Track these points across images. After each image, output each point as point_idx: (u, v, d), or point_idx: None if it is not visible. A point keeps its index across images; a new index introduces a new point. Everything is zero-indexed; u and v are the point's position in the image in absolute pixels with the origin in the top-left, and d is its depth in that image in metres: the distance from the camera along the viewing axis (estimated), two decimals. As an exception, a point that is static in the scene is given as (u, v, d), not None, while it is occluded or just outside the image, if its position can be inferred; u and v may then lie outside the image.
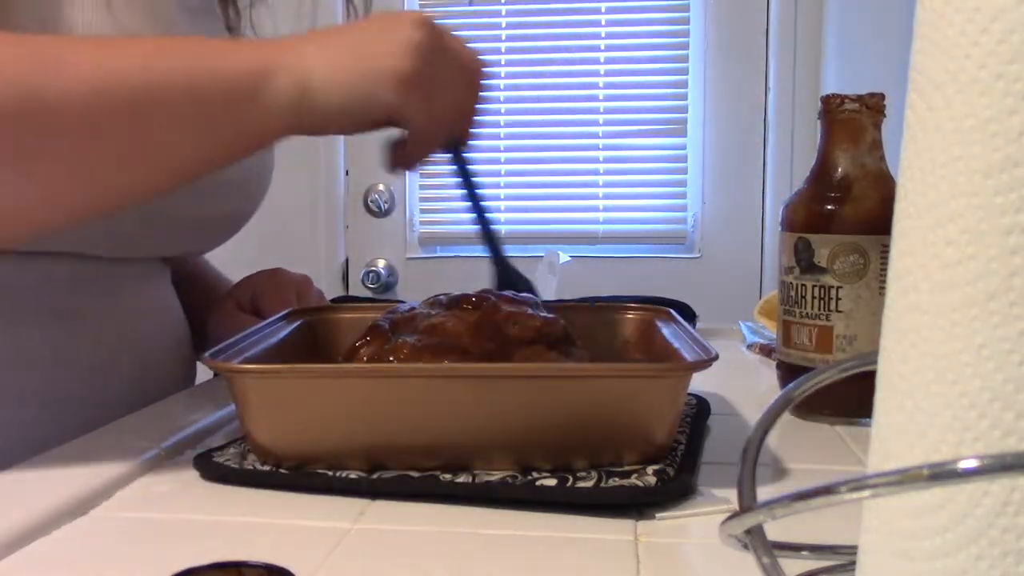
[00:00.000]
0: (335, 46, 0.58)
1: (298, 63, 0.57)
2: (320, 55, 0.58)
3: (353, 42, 0.59)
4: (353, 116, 0.59)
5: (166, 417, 0.66)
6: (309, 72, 0.57)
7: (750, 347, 0.94)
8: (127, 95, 0.53)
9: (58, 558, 0.43)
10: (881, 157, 0.66)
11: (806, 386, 0.36)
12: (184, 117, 0.56)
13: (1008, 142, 0.23)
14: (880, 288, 0.63)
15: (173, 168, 0.58)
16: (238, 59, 0.57)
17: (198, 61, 0.56)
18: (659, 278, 1.80)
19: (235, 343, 0.59)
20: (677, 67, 1.88)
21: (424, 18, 0.59)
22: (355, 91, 0.57)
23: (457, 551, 0.44)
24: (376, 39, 0.58)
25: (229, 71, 0.56)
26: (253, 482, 0.52)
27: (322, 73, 0.57)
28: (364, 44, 0.59)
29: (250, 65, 0.56)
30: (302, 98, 0.57)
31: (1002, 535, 0.23)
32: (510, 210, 1.93)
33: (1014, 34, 0.23)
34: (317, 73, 0.57)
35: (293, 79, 0.56)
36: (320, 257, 1.94)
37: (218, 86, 0.56)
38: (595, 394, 0.52)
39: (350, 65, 0.57)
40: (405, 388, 0.52)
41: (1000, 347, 0.23)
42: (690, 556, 0.44)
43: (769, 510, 0.26)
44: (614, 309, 0.71)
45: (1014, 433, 0.23)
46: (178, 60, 0.56)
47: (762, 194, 1.88)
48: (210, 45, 0.60)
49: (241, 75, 0.56)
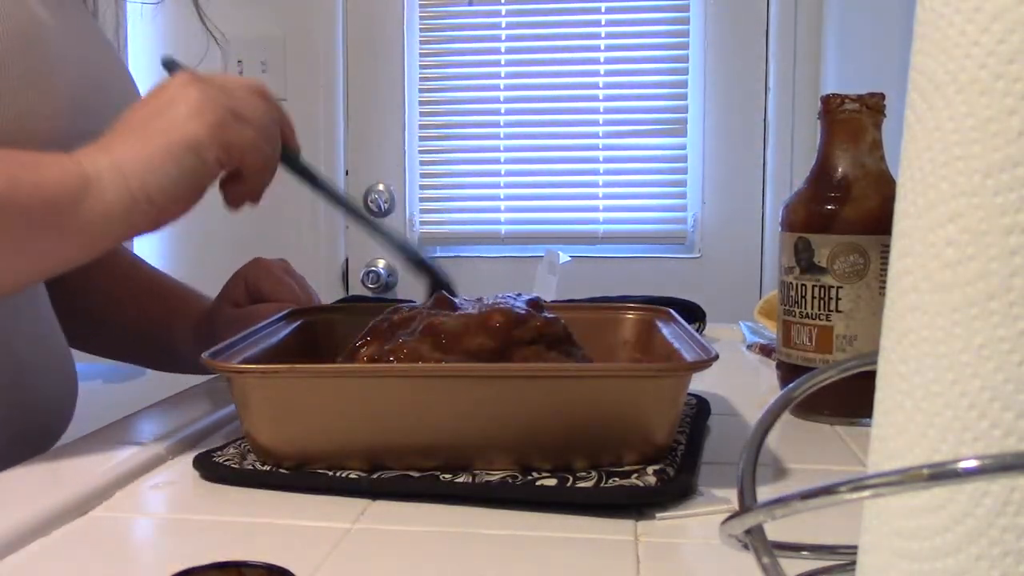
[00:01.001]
0: (128, 138, 0.58)
1: (111, 168, 0.57)
2: (123, 151, 0.57)
3: (144, 126, 0.59)
4: (188, 189, 0.58)
5: (166, 417, 0.66)
6: (124, 173, 0.57)
7: (750, 347, 0.94)
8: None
9: (58, 558, 0.43)
10: (881, 157, 0.66)
11: (806, 386, 0.36)
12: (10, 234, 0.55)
13: (1008, 142, 0.23)
14: (880, 288, 0.63)
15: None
16: (55, 172, 0.56)
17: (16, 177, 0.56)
18: (659, 278, 1.80)
19: (235, 343, 0.59)
20: (677, 67, 1.88)
21: (185, 76, 0.60)
22: (174, 166, 0.57)
23: (457, 551, 0.44)
24: (160, 111, 0.59)
25: (50, 183, 0.56)
26: (253, 482, 0.52)
27: (133, 166, 0.57)
28: (153, 121, 0.59)
29: (68, 179, 0.56)
30: (128, 208, 0.57)
31: (1002, 535, 0.23)
32: (510, 210, 1.93)
33: (1014, 34, 0.23)
34: (130, 169, 0.57)
35: (114, 183, 0.56)
36: (320, 257, 1.94)
37: (38, 201, 0.55)
38: (595, 394, 0.52)
39: (153, 146, 0.57)
40: (405, 388, 0.52)
41: (1000, 347, 0.23)
42: (690, 556, 0.44)
43: (769, 510, 0.26)
44: (614, 309, 0.71)
45: (1014, 433, 0.23)
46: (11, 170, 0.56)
47: (762, 194, 1.88)
48: (25, 159, 0.58)
49: (60, 189, 0.56)
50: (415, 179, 1.95)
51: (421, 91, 1.93)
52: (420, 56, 1.93)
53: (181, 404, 0.70)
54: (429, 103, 1.93)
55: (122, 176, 0.57)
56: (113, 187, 0.56)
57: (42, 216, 0.56)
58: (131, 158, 0.57)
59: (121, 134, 0.59)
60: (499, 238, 1.93)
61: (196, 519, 0.48)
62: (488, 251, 1.94)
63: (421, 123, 1.94)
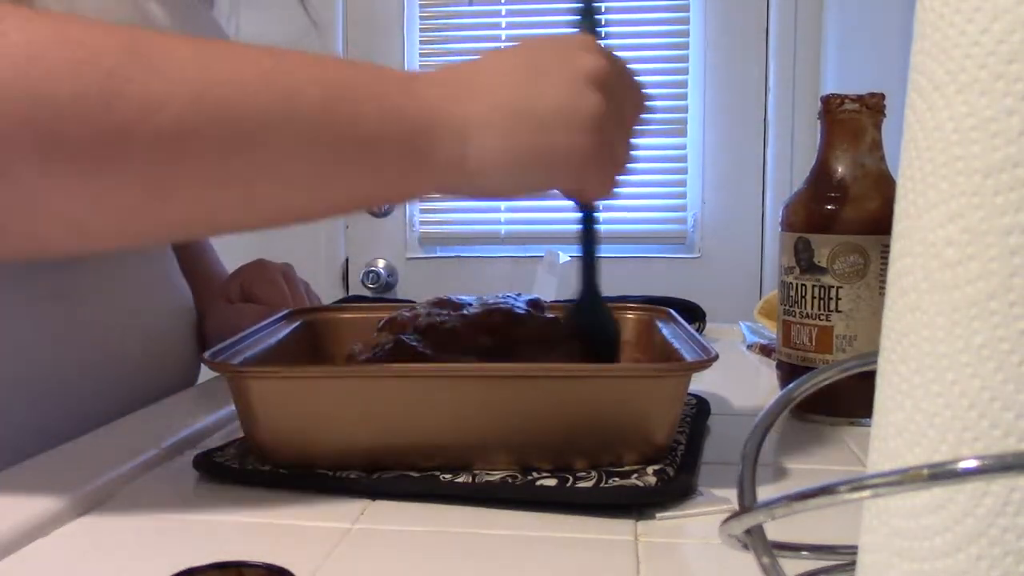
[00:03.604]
0: (505, 109, 0.50)
1: (463, 128, 0.49)
2: (490, 120, 0.49)
3: (526, 103, 0.50)
4: (519, 192, 0.53)
5: (166, 417, 0.66)
6: (476, 144, 0.49)
7: (750, 347, 0.94)
8: (234, 117, 0.45)
9: (58, 558, 0.43)
10: (881, 157, 0.66)
11: (806, 386, 0.36)
12: (303, 159, 0.47)
13: (1008, 142, 0.23)
14: (880, 288, 0.63)
15: (270, 213, 0.50)
16: (391, 105, 0.48)
17: (336, 93, 0.47)
18: (659, 278, 1.80)
19: (235, 343, 0.59)
20: (677, 67, 1.88)
21: (601, 60, 0.51)
22: (527, 173, 0.51)
23: (457, 551, 0.44)
24: (554, 98, 0.50)
25: (375, 119, 0.47)
26: (253, 482, 0.52)
27: (492, 150, 0.49)
28: (540, 105, 0.50)
29: (408, 122, 0.48)
30: (463, 173, 0.50)
31: (1002, 535, 0.23)
32: (510, 210, 1.93)
33: (1014, 34, 0.23)
34: (487, 146, 0.49)
35: (457, 150, 0.49)
36: (320, 257, 1.94)
37: (359, 135, 0.48)
38: (595, 394, 0.52)
39: (524, 141, 0.50)
40: (405, 388, 0.52)
41: (1000, 347, 0.23)
42: (690, 556, 0.44)
43: (769, 510, 0.26)
44: (614, 309, 0.71)
45: (1014, 433, 0.23)
46: (312, 88, 0.47)
47: (762, 194, 1.88)
48: (346, 73, 0.49)
49: (393, 132, 0.48)
50: (415, 179, 1.95)
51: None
52: (420, 56, 1.93)
53: (181, 404, 0.70)
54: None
55: (465, 143, 0.49)
56: (451, 149, 0.49)
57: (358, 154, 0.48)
58: (488, 138, 0.49)
59: (496, 92, 0.50)
60: (499, 238, 1.93)
61: (196, 519, 0.48)
62: (488, 251, 1.94)
63: (421, 123, 1.94)
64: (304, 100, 0.47)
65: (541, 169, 0.51)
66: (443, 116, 0.49)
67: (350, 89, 0.48)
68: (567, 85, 0.50)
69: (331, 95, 0.47)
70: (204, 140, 0.45)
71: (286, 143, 0.47)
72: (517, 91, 0.50)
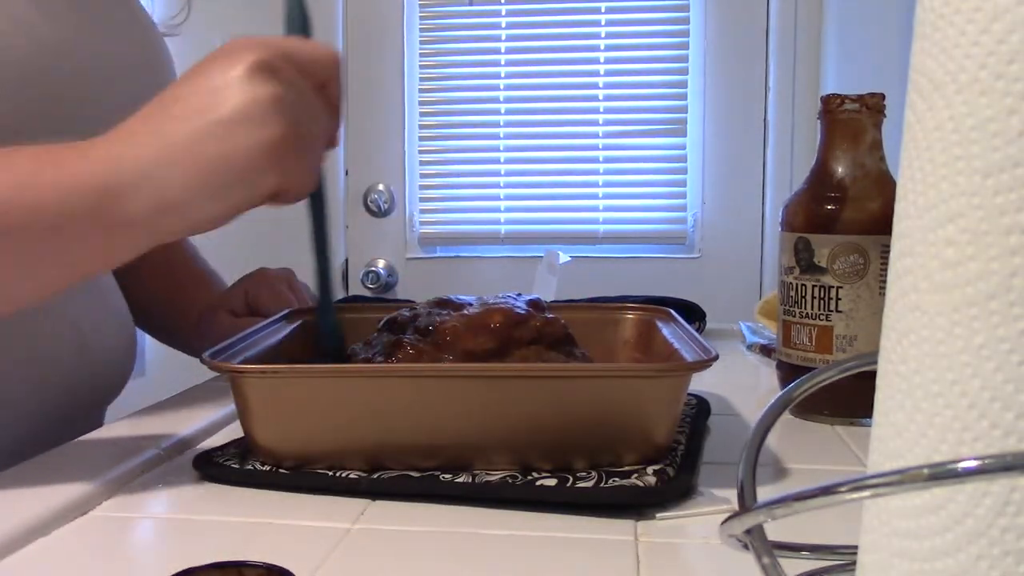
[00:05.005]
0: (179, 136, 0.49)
1: (144, 172, 0.48)
2: (168, 155, 0.48)
3: (200, 120, 0.49)
4: (229, 214, 0.51)
5: (166, 417, 0.66)
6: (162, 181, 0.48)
7: (750, 347, 0.94)
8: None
9: (58, 558, 0.43)
10: (881, 157, 0.66)
11: (806, 386, 0.36)
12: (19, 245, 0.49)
13: (1008, 142, 0.23)
14: (880, 288, 0.63)
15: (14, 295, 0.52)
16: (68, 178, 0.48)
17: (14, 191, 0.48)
18: (659, 278, 1.80)
19: (235, 343, 0.59)
20: (677, 67, 1.88)
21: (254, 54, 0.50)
22: (227, 187, 0.49)
23: (457, 551, 0.44)
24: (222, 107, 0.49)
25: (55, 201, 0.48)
26: (253, 482, 0.52)
27: (182, 180, 0.48)
28: (214, 117, 0.48)
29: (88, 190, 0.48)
30: (165, 214, 0.49)
31: (1002, 535, 0.23)
32: (510, 210, 1.93)
33: (1014, 34, 0.23)
34: (175, 177, 0.48)
35: (148, 196, 0.48)
36: (320, 257, 1.94)
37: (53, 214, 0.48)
38: (595, 394, 0.52)
39: (210, 156, 0.48)
40: (405, 388, 0.52)
41: (1000, 347, 0.23)
42: (690, 556, 0.44)
43: (769, 510, 0.26)
44: (614, 309, 0.71)
45: (1014, 433, 0.23)
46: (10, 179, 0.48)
47: (762, 194, 1.88)
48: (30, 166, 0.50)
49: (77, 205, 0.48)
50: (415, 179, 1.95)
51: (421, 91, 1.92)
52: (420, 56, 1.93)
53: (181, 404, 0.70)
54: (429, 103, 1.93)
55: (154, 188, 0.48)
56: (140, 199, 0.48)
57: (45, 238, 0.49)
58: (171, 165, 0.48)
59: (165, 122, 0.49)
60: (499, 238, 1.93)
61: (196, 519, 0.48)
62: (488, 251, 1.94)
63: (421, 123, 1.94)
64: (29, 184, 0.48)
65: (237, 177, 0.49)
66: (121, 170, 0.48)
67: (32, 175, 0.49)
68: (235, 87, 0.49)
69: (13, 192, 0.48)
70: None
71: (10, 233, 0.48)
72: (187, 114, 0.49)
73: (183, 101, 0.50)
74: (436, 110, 1.94)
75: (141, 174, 0.48)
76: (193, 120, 0.49)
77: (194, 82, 0.50)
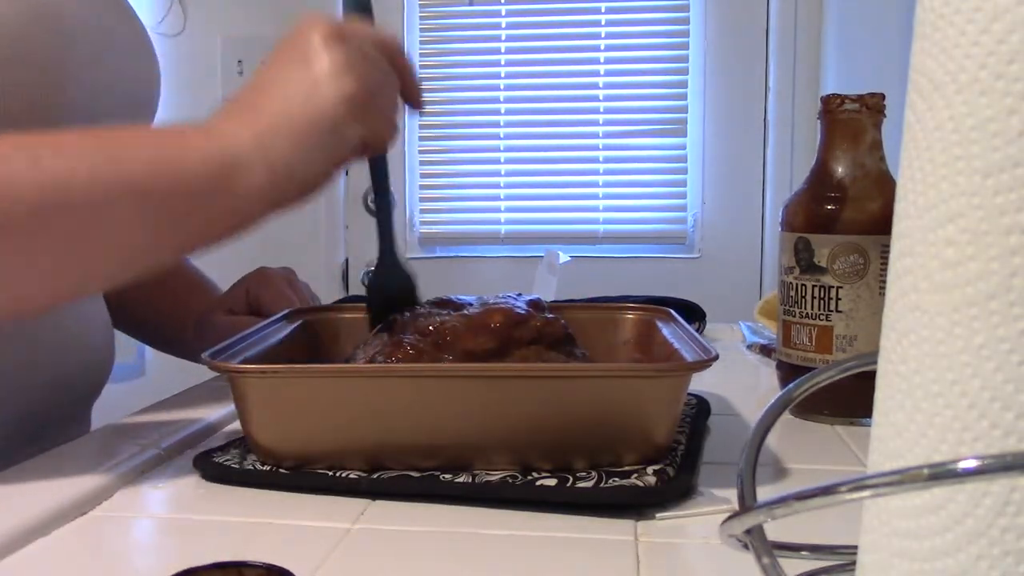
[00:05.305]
0: (268, 108, 0.55)
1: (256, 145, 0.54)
2: (271, 125, 0.54)
3: (284, 91, 0.55)
4: (330, 166, 0.56)
5: (166, 417, 0.66)
6: (268, 154, 0.54)
7: (750, 347, 0.94)
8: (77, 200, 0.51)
9: (58, 558, 0.43)
10: (881, 157, 0.66)
11: (806, 386, 0.36)
12: (142, 221, 0.53)
13: (1008, 142, 0.23)
14: (880, 288, 0.63)
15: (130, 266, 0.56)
16: (196, 158, 0.53)
17: (154, 164, 0.53)
18: (659, 278, 1.80)
19: (235, 343, 0.59)
20: (677, 67, 1.88)
21: (325, 27, 0.56)
22: (324, 143, 0.55)
23: (457, 551, 0.44)
24: (301, 74, 0.55)
25: (191, 173, 0.53)
26: (253, 482, 0.52)
27: (277, 144, 0.54)
28: (294, 86, 0.55)
29: (211, 166, 0.53)
30: (273, 186, 0.54)
31: (1002, 535, 0.23)
32: (510, 210, 1.93)
33: (1014, 34, 0.23)
34: (279, 146, 0.54)
35: (259, 165, 0.53)
36: (320, 257, 1.94)
37: (180, 190, 0.53)
38: (595, 394, 0.52)
39: (297, 121, 0.54)
40: (405, 388, 0.52)
41: (1000, 347, 0.23)
42: (690, 556, 0.44)
43: (769, 510, 0.26)
44: (614, 309, 0.71)
45: (1014, 433, 0.23)
46: (131, 162, 0.53)
47: (762, 194, 1.88)
48: (161, 141, 0.55)
49: (202, 177, 0.53)
50: (415, 179, 1.95)
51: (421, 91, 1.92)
52: (420, 56, 1.93)
53: (181, 404, 0.70)
54: (429, 103, 1.93)
55: (266, 157, 0.54)
56: (258, 169, 0.53)
57: (185, 205, 0.53)
58: (274, 134, 0.54)
59: (260, 100, 0.56)
60: (499, 238, 1.93)
61: (196, 519, 0.48)
62: (488, 251, 1.94)
63: (421, 123, 1.94)
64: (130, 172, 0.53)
65: (328, 131, 0.55)
66: (238, 143, 0.54)
67: (160, 148, 0.54)
68: (312, 54, 0.55)
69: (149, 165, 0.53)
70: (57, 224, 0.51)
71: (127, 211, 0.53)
72: (276, 85, 0.56)
73: (270, 76, 0.56)
74: (436, 110, 1.94)
75: (254, 146, 0.54)
76: (283, 90, 0.55)
77: (276, 59, 0.57)
